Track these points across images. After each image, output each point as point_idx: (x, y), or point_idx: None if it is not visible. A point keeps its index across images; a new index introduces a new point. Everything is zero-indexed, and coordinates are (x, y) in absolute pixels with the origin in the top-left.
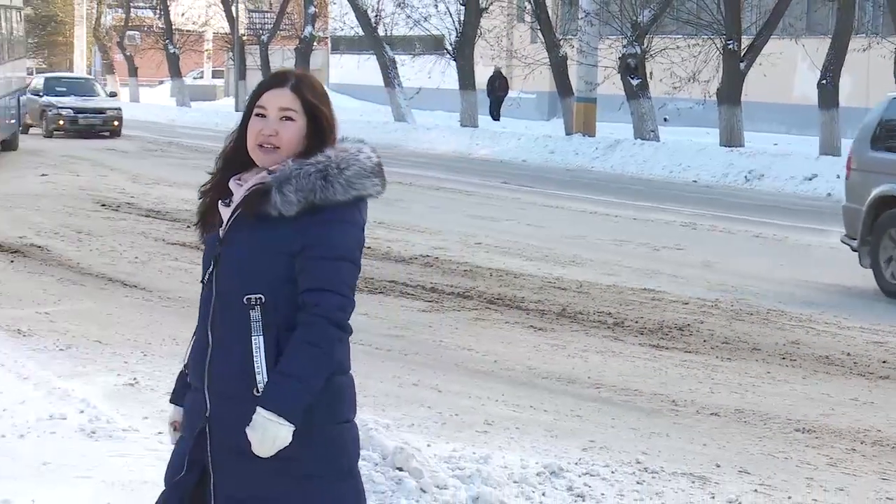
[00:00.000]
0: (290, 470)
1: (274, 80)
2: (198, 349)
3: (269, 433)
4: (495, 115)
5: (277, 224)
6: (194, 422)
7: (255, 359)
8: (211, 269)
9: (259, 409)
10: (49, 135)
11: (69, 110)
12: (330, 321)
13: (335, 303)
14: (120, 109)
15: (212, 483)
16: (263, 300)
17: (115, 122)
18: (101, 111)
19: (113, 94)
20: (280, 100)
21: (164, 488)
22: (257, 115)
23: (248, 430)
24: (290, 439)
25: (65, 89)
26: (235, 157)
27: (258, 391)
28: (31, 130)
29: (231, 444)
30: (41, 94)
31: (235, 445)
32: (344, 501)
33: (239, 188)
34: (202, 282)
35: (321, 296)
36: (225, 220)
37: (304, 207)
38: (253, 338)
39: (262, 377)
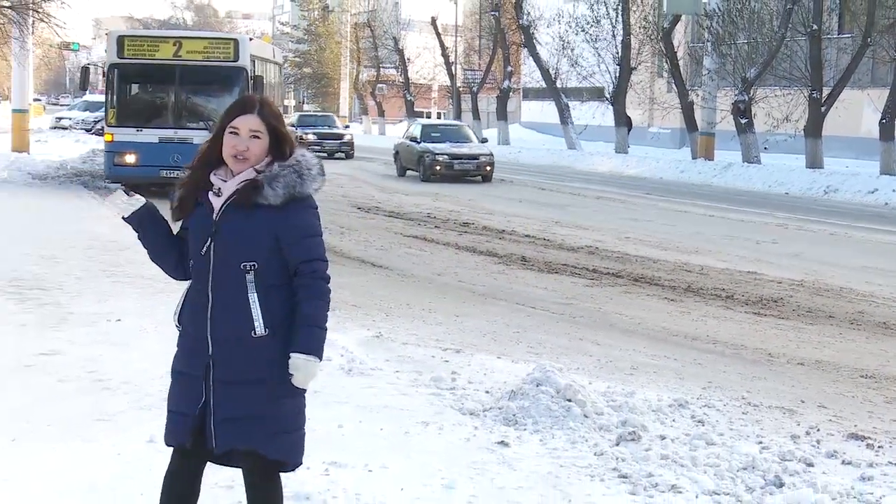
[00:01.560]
0: (270, 393)
1: (244, 108)
2: (196, 306)
3: (310, 370)
4: None
5: (265, 210)
6: (197, 363)
7: (252, 310)
8: (209, 243)
9: (297, 355)
10: (426, 179)
11: (445, 156)
12: (325, 280)
13: (324, 267)
14: (492, 155)
15: (211, 407)
16: (256, 266)
17: (488, 167)
18: (474, 157)
19: (484, 140)
20: (250, 123)
21: (171, 413)
22: (231, 132)
23: (291, 370)
24: (318, 373)
25: (440, 135)
26: (208, 159)
27: (255, 333)
28: (409, 173)
29: (230, 377)
30: (418, 140)
31: (233, 377)
32: (301, 409)
33: (224, 183)
34: (200, 253)
35: (314, 264)
36: (217, 207)
37: (287, 198)
38: (249, 294)
39: (258, 323)
